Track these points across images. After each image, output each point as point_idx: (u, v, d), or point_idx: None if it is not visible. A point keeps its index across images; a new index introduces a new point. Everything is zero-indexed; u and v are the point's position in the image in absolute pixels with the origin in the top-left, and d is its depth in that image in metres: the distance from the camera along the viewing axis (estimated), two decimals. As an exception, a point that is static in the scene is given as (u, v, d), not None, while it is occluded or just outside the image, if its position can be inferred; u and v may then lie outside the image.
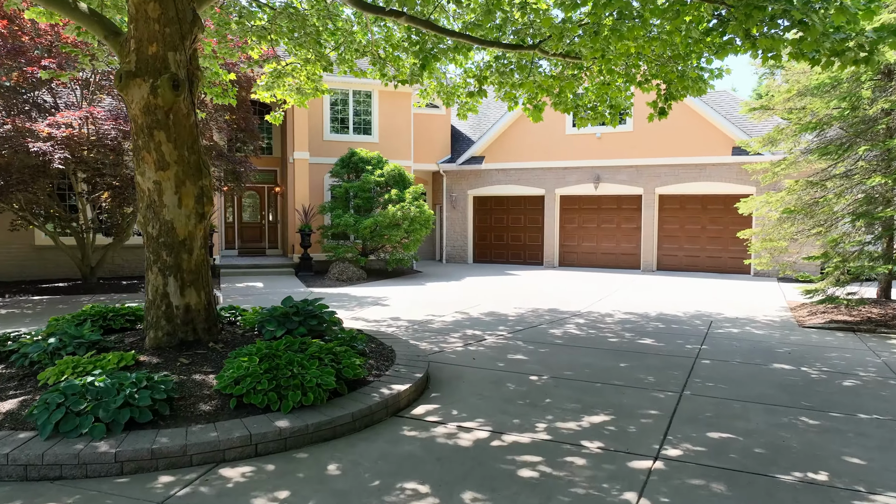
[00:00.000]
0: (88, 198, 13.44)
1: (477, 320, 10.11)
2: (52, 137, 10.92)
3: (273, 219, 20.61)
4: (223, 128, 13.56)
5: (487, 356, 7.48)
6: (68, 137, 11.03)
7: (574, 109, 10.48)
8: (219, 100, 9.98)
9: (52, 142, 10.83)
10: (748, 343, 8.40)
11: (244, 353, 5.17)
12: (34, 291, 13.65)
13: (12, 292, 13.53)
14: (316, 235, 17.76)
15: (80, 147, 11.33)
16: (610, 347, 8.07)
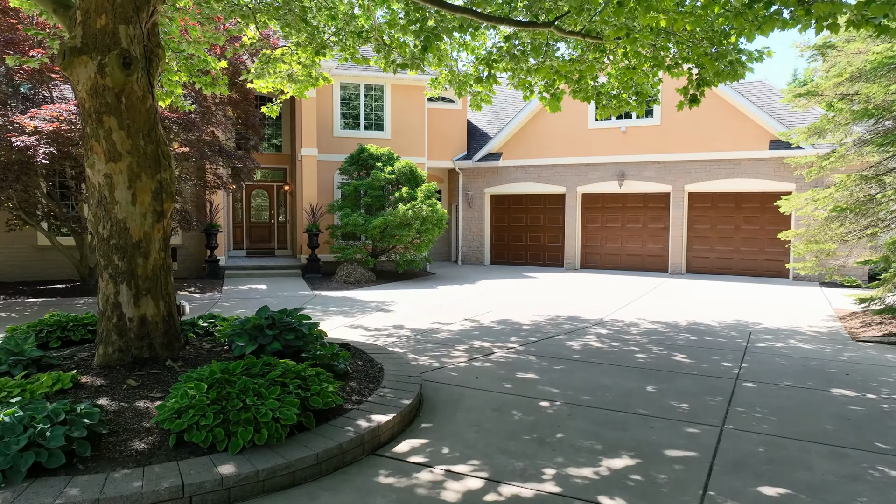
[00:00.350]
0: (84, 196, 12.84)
1: (487, 329, 9.20)
2: (38, 131, 10.30)
3: (283, 218, 19.92)
4: (222, 122, 12.82)
5: (493, 375, 6.57)
6: (55, 131, 10.40)
7: (595, 97, 9.56)
8: (208, 89, 9.22)
9: (37, 136, 10.21)
10: (796, 361, 7.34)
11: (194, 376, 4.34)
12: (31, 293, 13.13)
13: (9, 293, 13.03)
14: (324, 235, 16.99)
15: (71, 142, 10.70)
16: (635, 365, 7.09)
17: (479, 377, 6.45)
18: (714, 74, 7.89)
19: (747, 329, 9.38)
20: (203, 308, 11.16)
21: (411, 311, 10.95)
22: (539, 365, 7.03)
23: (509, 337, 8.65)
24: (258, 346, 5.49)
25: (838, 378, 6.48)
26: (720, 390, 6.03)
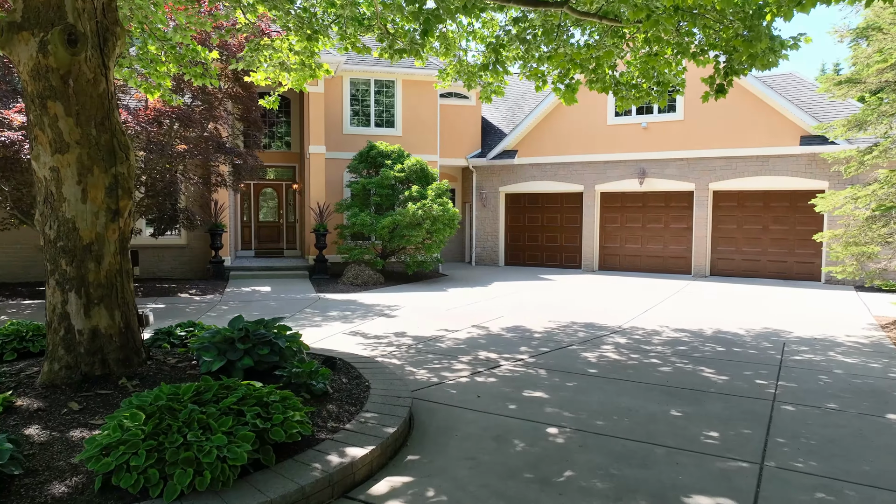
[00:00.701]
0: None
1: (496, 338, 8.46)
2: (25, 126, 9.79)
3: (292, 218, 19.35)
4: (223, 117, 12.23)
5: (497, 392, 5.83)
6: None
7: (613, 88, 8.83)
8: (198, 81, 8.60)
9: (24, 131, 9.71)
10: (840, 378, 6.48)
11: (135, 402, 3.67)
12: (30, 294, 12.70)
13: (6, 294, 12.63)
14: (332, 236, 16.37)
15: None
16: (657, 381, 6.29)
17: (481, 396, 5.71)
18: (747, 58, 7.11)
19: (779, 339, 8.51)
20: (200, 312, 10.59)
21: (417, 316, 10.25)
22: (549, 381, 6.27)
23: (519, 347, 7.90)
24: (227, 362, 4.83)
25: (894, 400, 5.62)
26: (756, 415, 5.22)
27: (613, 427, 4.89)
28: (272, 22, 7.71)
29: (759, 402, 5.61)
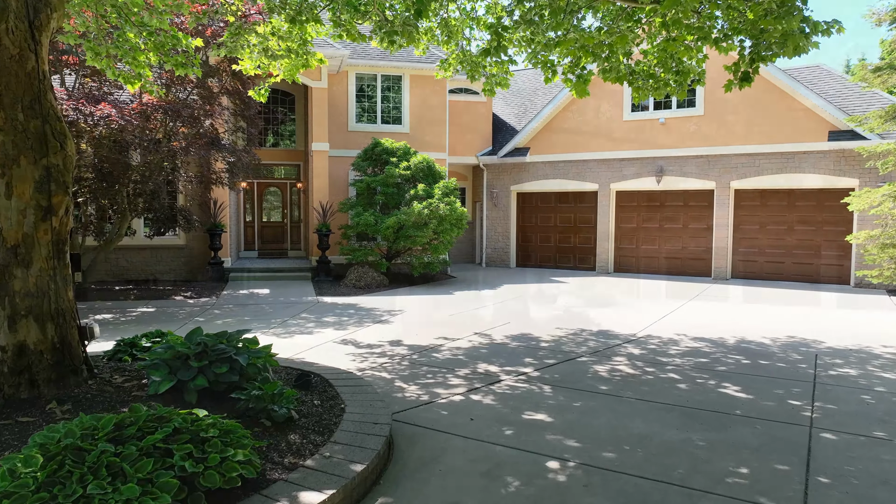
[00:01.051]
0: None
1: (499, 347, 7.75)
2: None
3: (297, 217, 18.78)
4: (215, 111, 11.64)
5: (494, 414, 5.12)
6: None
7: (629, 77, 8.14)
8: (180, 70, 7.99)
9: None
10: (884, 397, 5.67)
11: (38, 440, 3.02)
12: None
13: None
14: (336, 236, 15.74)
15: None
16: (675, 402, 5.54)
17: (474, 419, 5.00)
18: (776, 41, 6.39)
19: (810, 349, 7.70)
20: (191, 316, 10.01)
21: (417, 321, 9.59)
22: (554, 399, 5.55)
23: (523, 358, 7.18)
24: (178, 382, 4.18)
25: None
26: (791, 445, 4.46)
27: (624, 460, 4.16)
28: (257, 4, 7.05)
29: (794, 427, 4.84)
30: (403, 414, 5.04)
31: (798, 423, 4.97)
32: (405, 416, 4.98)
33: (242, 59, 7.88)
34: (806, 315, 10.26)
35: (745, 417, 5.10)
